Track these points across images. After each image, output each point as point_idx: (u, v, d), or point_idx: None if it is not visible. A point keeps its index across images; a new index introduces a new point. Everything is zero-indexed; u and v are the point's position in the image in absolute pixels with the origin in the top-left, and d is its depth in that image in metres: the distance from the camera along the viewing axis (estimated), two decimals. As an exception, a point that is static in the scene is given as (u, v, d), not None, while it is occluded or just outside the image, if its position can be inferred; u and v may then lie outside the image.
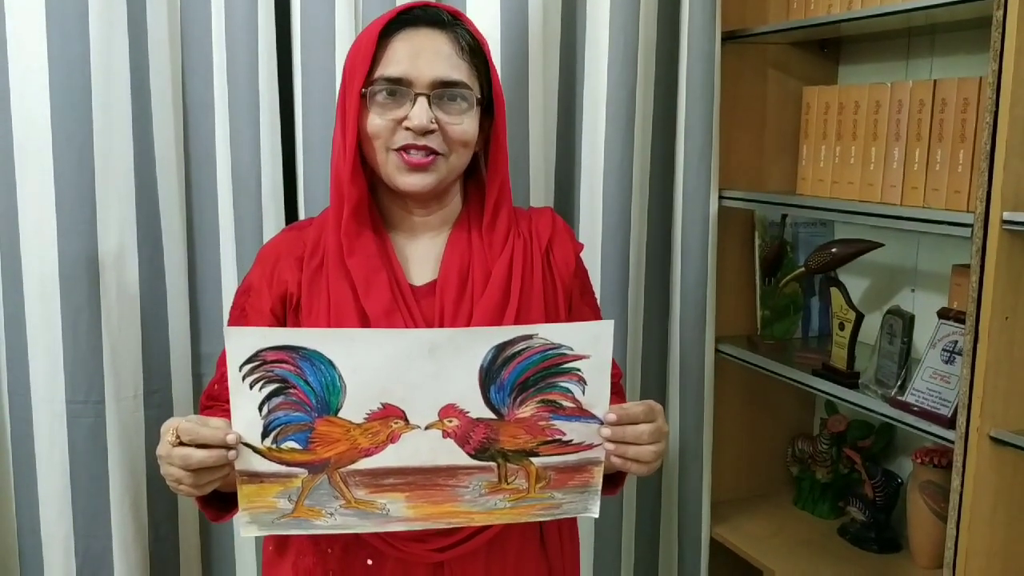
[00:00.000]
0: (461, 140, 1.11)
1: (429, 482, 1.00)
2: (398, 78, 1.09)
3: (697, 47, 1.81)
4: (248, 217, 1.60)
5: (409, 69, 1.08)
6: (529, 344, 0.97)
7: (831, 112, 1.81)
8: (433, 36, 1.11)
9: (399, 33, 1.10)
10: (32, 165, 1.46)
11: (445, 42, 1.11)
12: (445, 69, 1.09)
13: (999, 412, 1.36)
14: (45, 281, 1.48)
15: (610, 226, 1.79)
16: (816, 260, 1.84)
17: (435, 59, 1.09)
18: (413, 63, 1.09)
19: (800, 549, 1.92)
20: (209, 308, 1.65)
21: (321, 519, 1.01)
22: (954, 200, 1.55)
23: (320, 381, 0.95)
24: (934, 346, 1.57)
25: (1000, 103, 1.29)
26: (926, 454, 1.76)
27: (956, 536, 1.39)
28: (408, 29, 1.11)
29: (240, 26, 1.54)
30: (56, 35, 1.43)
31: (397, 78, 1.09)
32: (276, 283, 1.14)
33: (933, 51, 1.84)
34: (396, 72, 1.09)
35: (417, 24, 1.11)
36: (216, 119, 1.59)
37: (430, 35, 1.11)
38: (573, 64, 1.76)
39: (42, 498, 1.53)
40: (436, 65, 1.09)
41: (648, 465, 1.03)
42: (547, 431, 1.00)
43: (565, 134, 1.79)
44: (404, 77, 1.08)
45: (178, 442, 0.96)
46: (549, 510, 1.05)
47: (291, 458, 0.97)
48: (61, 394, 1.50)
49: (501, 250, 1.15)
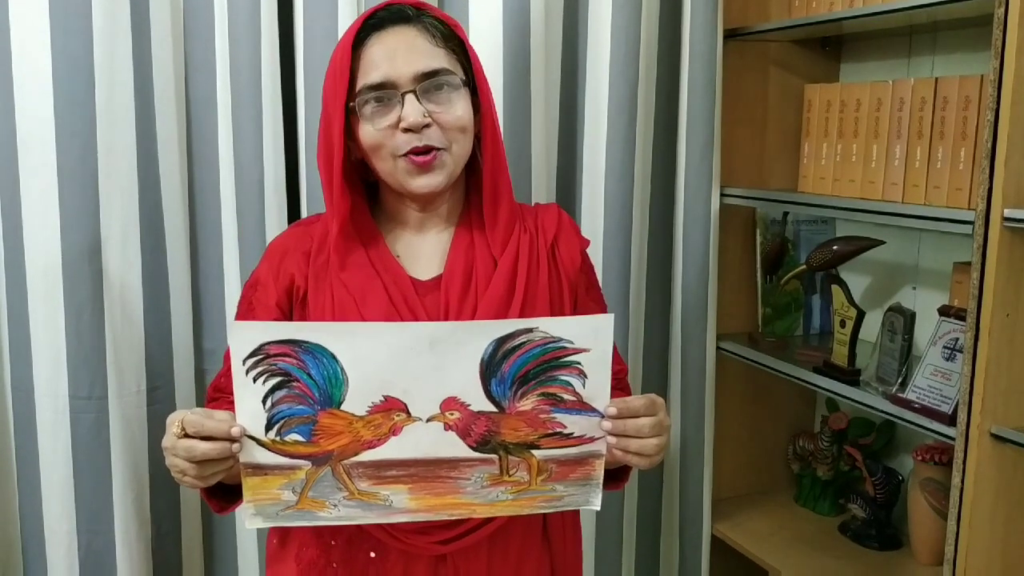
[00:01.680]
0: (457, 126, 1.11)
1: (431, 474, 1.01)
2: (380, 83, 1.08)
3: (699, 45, 1.81)
4: (251, 213, 1.60)
5: (389, 71, 1.08)
6: (530, 337, 0.97)
7: (832, 110, 1.81)
8: (403, 32, 1.10)
9: (369, 39, 1.10)
10: (35, 161, 1.46)
11: (416, 35, 1.10)
12: (424, 61, 1.09)
13: (1000, 409, 1.36)
14: (48, 277, 1.48)
15: (611, 224, 1.79)
16: (817, 258, 1.84)
17: (411, 54, 1.09)
18: (391, 64, 1.08)
19: (801, 546, 1.92)
20: (212, 304, 1.65)
21: (325, 511, 1.01)
22: (955, 197, 1.55)
23: (323, 374, 0.96)
24: (935, 343, 1.57)
25: (1001, 101, 1.29)
26: (927, 451, 1.76)
27: (957, 533, 1.40)
28: (377, 33, 1.10)
29: (243, 22, 1.54)
30: (59, 31, 1.43)
31: (380, 83, 1.08)
32: (282, 277, 1.15)
33: (935, 49, 1.85)
34: (377, 78, 1.08)
35: (384, 26, 1.11)
36: (219, 115, 1.59)
37: (400, 32, 1.10)
38: (575, 62, 1.77)
39: (45, 494, 1.53)
40: (414, 60, 1.09)
41: (650, 458, 1.04)
42: (548, 424, 1.00)
43: (567, 132, 1.79)
44: (386, 80, 1.08)
45: (183, 434, 0.97)
46: (551, 502, 1.05)
47: (295, 450, 0.98)
48: (64, 390, 1.51)
49: (506, 244, 1.16)
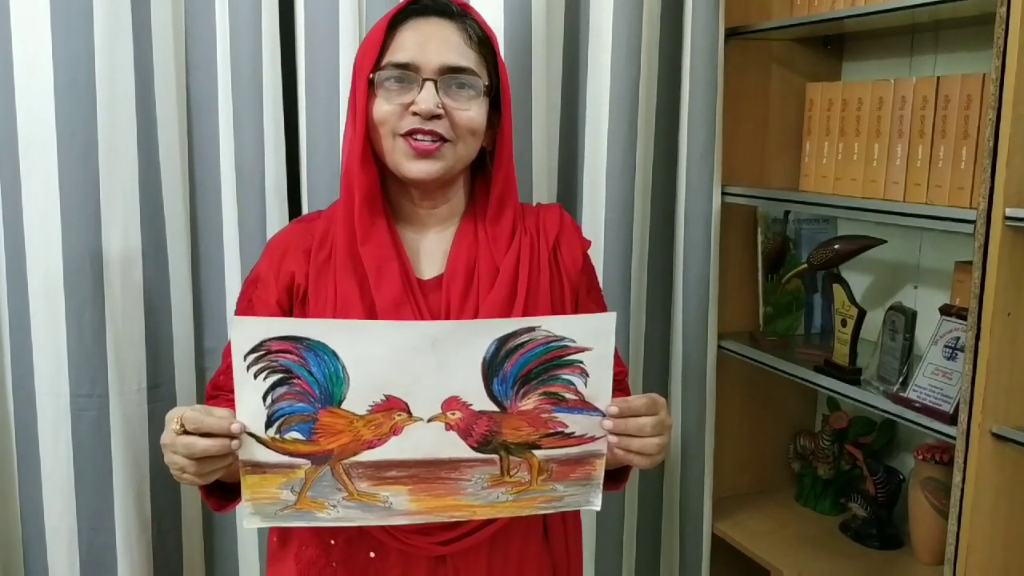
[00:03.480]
0: (468, 127, 1.11)
1: (431, 475, 1.01)
2: (405, 64, 1.09)
3: (700, 43, 1.81)
4: (252, 212, 1.60)
5: (417, 55, 1.09)
6: (531, 336, 0.97)
7: (834, 108, 1.81)
8: (442, 25, 1.12)
9: (408, 22, 1.12)
10: (36, 161, 1.46)
11: (454, 31, 1.12)
12: (453, 56, 1.10)
13: (1001, 408, 1.36)
14: (50, 276, 1.48)
15: (612, 222, 1.79)
16: (819, 257, 1.84)
17: (443, 46, 1.10)
18: (421, 50, 1.10)
19: (802, 545, 1.92)
20: (213, 302, 1.65)
21: (324, 511, 1.01)
22: (957, 196, 1.55)
23: (324, 372, 0.95)
24: (936, 342, 1.57)
25: (1003, 100, 1.29)
26: (928, 450, 1.76)
27: (957, 532, 1.39)
28: (417, 18, 1.12)
29: (244, 21, 1.54)
30: (60, 31, 1.43)
31: (404, 63, 1.09)
32: (283, 274, 1.15)
33: (937, 48, 1.84)
34: (404, 58, 1.10)
35: (426, 14, 1.12)
36: (220, 114, 1.59)
37: (439, 24, 1.12)
38: (576, 59, 1.76)
39: (46, 492, 1.53)
40: (444, 52, 1.10)
41: (651, 458, 1.03)
42: (549, 423, 1.00)
43: (568, 130, 1.78)
44: (412, 63, 1.09)
45: (183, 430, 0.96)
46: (551, 503, 1.05)
47: (294, 448, 0.98)
48: (65, 388, 1.50)
49: (508, 246, 1.16)
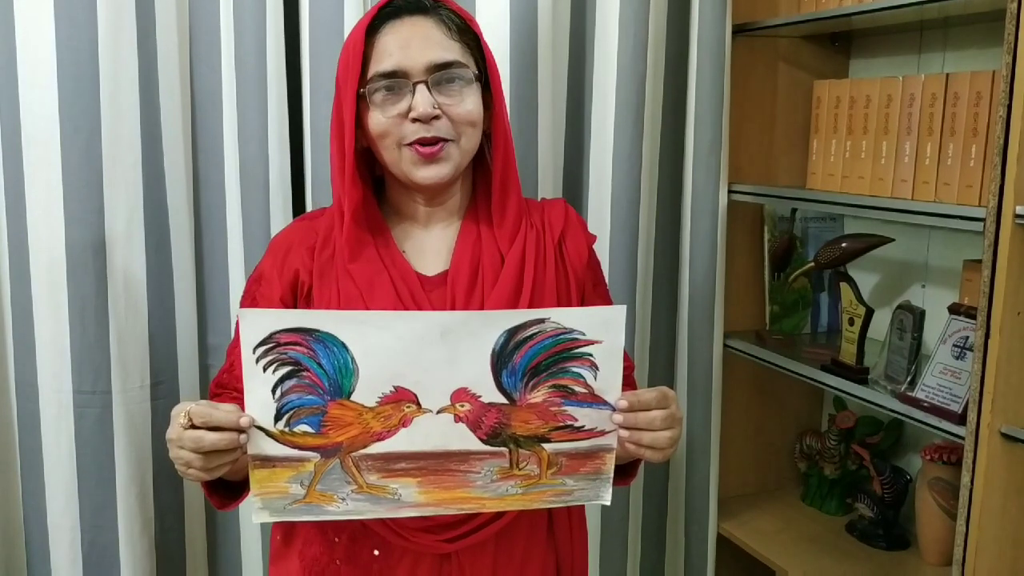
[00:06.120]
0: (467, 120, 1.11)
1: (441, 467, 1.00)
2: (392, 71, 1.08)
3: (707, 40, 1.80)
4: (255, 207, 1.59)
5: (402, 60, 1.08)
6: (541, 328, 0.96)
7: (842, 106, 1.80)
8: (418, 23, 1.10)
9: (384, 27, 1.10)
10: (40, 154, 1.45)
11: (432, 26, 1.10)
12: (437, 52, 1.09)
13: (1010, 408, 1.35)
14: (52, 271, 1.48)
15: (618, 219, 1.78)
16: (826, 255, 1.83)
17: (425, 45, 1.09)
18: (405, 53, 1.08)
19: (808, 545, 1.91)
20: (216, 299, 1.65)
21: (333, 504, 1.00)
22: (966, 195, 1.54)
23: (333, 364, 0.95)
24: (944, 342, 1.56)
25: (1014, 97, 1.28)
26: (935, 450, 1.75)
27: (965, 533, 1.38)
28: (393, 21, 1.10)
29: (248, 15, 1.54)
30: (64, 24, 1.43)
31: (391, 71, 1.08)
32: (287, 272, 1.14)
33: (946, 44, 1.84)
34: (389, 66, 1.08)
35: (400, 15, 1.10)
36: (224, 109, 1.58)
37: (415, 23, 1.10)
38: (582, 56, 1.76)
39: (49, 489, 1.53)
40: (427, 50, 1.08)
41: (663, 451, 1.03)
42: (559, 417, 1.00)
43: (574, 126, 1.78)
44: (398, 69, 1.08)
45: (190, 425, 0.95)
46: (560, 496, 1.04)
47: (303, 442, 0.97)
48: (68, 384, 1.50)
49: (512, 240, 1.15)
